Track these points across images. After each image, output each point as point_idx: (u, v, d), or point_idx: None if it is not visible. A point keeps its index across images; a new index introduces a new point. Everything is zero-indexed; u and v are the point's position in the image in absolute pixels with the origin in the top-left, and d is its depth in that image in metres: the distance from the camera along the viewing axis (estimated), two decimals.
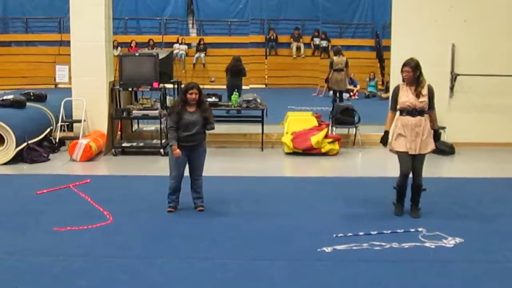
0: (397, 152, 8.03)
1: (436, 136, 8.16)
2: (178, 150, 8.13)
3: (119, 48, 25.08)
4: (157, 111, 12.39)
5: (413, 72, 7.84)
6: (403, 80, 7.97)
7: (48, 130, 12.58)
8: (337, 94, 18.36)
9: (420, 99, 7.86)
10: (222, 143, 13.19)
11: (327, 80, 18.79)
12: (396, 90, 8.06)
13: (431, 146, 8.03)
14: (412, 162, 7.98)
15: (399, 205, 8.21)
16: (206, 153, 8.43)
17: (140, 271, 6.34)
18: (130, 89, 12.76)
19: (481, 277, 6.26)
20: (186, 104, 8.20)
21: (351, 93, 22.74)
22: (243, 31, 28.90)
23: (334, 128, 13.36)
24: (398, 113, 8.07)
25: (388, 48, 14.68)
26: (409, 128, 7.88)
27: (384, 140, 8.24)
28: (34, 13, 28.04)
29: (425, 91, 7.89)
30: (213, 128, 8.41)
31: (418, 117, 7.90)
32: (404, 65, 7.91)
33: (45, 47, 27.07)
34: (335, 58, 18.36)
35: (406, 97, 7.89)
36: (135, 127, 14.02)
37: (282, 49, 28.03)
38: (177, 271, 6.38)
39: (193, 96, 8.15)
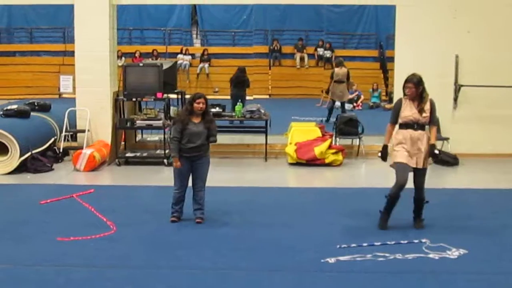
0: (396, 163, 7.96)
1: (431, 150, 7.97)
2: (179, 163, 8.15)
3: (123, 58, 25.16)
4: (161, 122, 12.40)
5: (416, 88, 7.81)
6: (405, 95, 7.94)
7: (52, 140, 12.60)
8: (335, 103, 18.35)
9: (423, 115, 7.83)
10: (226, 153, 13.19)
11: (327, 91, 18.80)
12: (399, 104, 8.00)
13: (428, 162, 8.01)
14: (413, 177, 7.96)
15: (385, 216, 8.07)
16: (210, 163, 8.43)
17: (143, 281, 6.34)
18: (134, 99, 12.75)
19: None
20: (192, 114, 8.21)
21: (355, 104, 22.76)
22: (247, 41, 28.98)
23: (337, 139, 13.37)
24: (397, 126, 8.04)
25: (392, 59, 14.70)
26: (410, 142, 7.83)
27: (384, 155, 8.14)
28: (39, 23, 28.15)
29: (427, 106, 7.85)
30: (215, 141, 8.38)
31: (420, 131, 7.86)
32: (407, 81, 7.87)
33: (50, 57, 27.17)
34: (336, 69, 18.43)
35: (410, 111, 7.84)
36: (138, 137, 14.05)
37: (286, 60, 28.09)
38: (180, 281, 6.37)
39: (201, 105, 8.14)
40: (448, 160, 12.29)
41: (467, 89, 12.93)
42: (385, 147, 8.15)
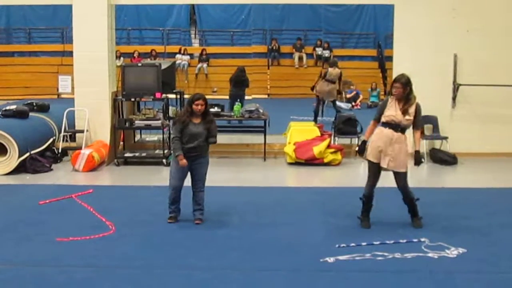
0: (369, 161, 7.99)
1: (416, 156, 8.04)
2: (184, 160, 8.09)
3: (122, 58, 25.17)
4: (159, 122, 12.41)
5: (403, 89, 7.78)
6: (392, 95, 7.95)
7: (51, 140, 12.61)
8: (323, 104, 18.26)
9: (406, 117, 7.79)
10: (225, 153, 13.20)
11: (313, 89, 18.67)
12: (385, 102, 8.05)
13: (407, 166, 7.95)
14: (396, 180, 7.96)
15: (365, 218, 8.13)
16: (209, 164, 8.42)
17: (142, 281, 6.34)
18: (132, 99, 12.73)
19: None
20: (192, 115, 8.20)
21: (354, 103, 22.77)
22: (246, 41, 28.99)
23: (336, 138, 13.38)
24: (380, 124, 8.03)
25: (390, 58, 14.70)
26: (388, 142, 7.82)
27: (361, 150, 8.13)
28: (37, 23, 28.17)
29: (412, 109, 7.81)
30: (215, 142, 8.37)
31: (399, 134, 7.85)
32: (395, 81, 7.86)
33: (48, 58, 27.19)
34: (330, 69, 18.42)
35: (394, 111, 7.82)
36: (137, 137, 14.05)
37: (284, 59, 28.11)
38: (180, 281, 6.37)
39: (199, 107, 8.13)
40: (447, 159, 12.32)
41: (465, 88, 12.93)
42: (363, 142, 8.15)
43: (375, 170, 7.97)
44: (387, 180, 9.24)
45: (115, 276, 6.50)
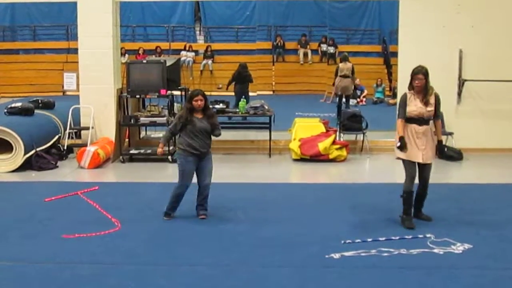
0: (402, 159, 7.96)
1: (440, 147, 8.08)
2: (161, 149, 8.46)
3: (126, 55, 25.13)
4: (164, 118, 12.41)
5: (426, 80, 7.80)
6: (412, 89, 7.88)
7: (56, 137, 12.62)
8: (343, 100, 18.43)
9: (428, 108, 7.82)
10: (230, 149, 13.20)
11: (334, 85, 18.96)
12: (404, 98, 7.95)
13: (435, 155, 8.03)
14: (421, 172, 7.96)
15: (408, 217, 7.98)
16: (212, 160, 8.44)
17: (147, 278, 6.35)
18: (137, 96, 12.76)
19: (491, 284, 6.25)
20: (193, 112, 8.21)
21: (359, 99, 22.74)
22: (250, 37, 28.92)
23: (341, 134, 13.35)
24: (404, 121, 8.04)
25: (395, 54, 14.67)
26: (416, 137, 7.84)
27: (403, 145, 7.87)
28: (42, 21, 28.15)
29: (432, 99, 7.86)
30: (220, 134, 8.42)
31: (425, 126, 7.87)
32: (416, 73, 7.81)
33: (53, 55, 27.16)
34: (341, 64, 18.55)
35: (415, 105, 7.83)
36: (142, 134, 14.05)
37: (289, 56, 28.02)
38: (185, 278, 6.38)
39: (199, 103, 8.16)
40: (453, 155, 12.27)
41: (471, 84, 12.90)
42: (401, 138, 7.90)
43: (410, 165, 7.92)
44: (393, 176, 9.27)
45: (120, 272, 6.51)
